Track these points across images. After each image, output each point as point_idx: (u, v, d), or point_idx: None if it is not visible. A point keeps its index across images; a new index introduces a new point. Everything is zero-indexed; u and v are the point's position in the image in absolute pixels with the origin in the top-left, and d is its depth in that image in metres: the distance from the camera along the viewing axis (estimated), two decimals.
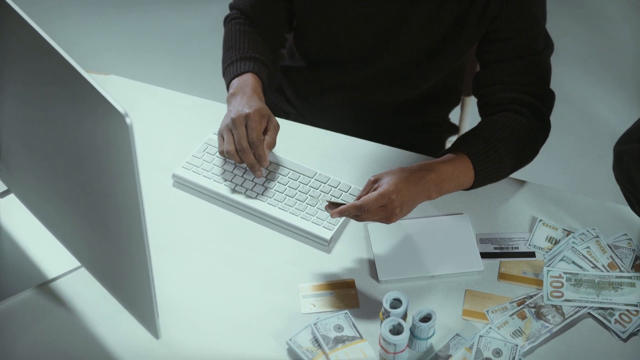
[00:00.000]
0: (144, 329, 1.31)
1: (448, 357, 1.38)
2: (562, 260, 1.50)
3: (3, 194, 1.57)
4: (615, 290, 1.45)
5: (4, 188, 1.57)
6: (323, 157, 1.67)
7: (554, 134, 1.72)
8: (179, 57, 3.22)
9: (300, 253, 1.53)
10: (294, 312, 1.44)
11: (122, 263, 1.25)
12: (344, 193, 1.59)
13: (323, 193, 1.59)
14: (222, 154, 1.60)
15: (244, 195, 1.59)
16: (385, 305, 1.37)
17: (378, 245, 1.53)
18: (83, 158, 1.18)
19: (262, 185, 1.60)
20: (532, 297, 1.46)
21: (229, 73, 1.69)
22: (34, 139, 1.30)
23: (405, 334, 1.34)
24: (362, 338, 1.39)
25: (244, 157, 1.56)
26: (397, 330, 1.35)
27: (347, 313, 1.42)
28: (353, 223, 1.57)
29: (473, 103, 2.02)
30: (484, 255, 1.52)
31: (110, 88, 1.79)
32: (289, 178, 1.61)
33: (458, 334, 1.41)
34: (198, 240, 1.54)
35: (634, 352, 1.40)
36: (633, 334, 1.42)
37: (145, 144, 1.69)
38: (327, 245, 1.53)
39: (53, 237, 1.43)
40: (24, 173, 1.40)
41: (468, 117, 2.06)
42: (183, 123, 1.74)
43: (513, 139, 1.59)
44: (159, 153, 1.68)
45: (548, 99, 1.66)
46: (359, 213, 1.44)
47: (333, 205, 1.47)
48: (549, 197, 1.63)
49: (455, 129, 2.00)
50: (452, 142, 1.92)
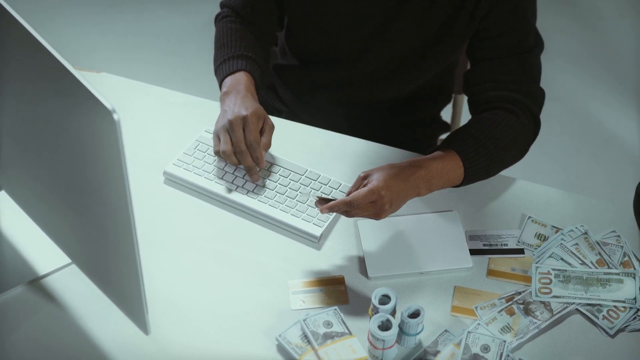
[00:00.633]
0: (134, 325, 1.31)
1: (436, 352, 1.39)
2: (550, 257, 1.50)
3: None
4: (603, 287, 1.46)
5: None
6: (314, 154, 1.68)
7: (549, 133, 1.73)
8: (173, 55, 3.23)
9: (291, 250, 1.53)
10: (284, 308, 1.45)
11: (111, 259, 1.25)
12: (334, 190, 1.60)
13: (313, 190, 1.60)
14: (217, 154, 1.59)
15: (235, 193, 1.59)
16: (374, 302, 1.38)
17: (368, 242, 1.53)
18: (72, 155, 1.18)
19: (252, 183, 1.60)
20: (520, 293, 1.46)
21: (221, 71, 1.69)
22: (24, 136, 1.30)
23: (394, 330, 1.35)
24: (351, 334, 1.39)
25: (242, 159, 1.56)
26: (385, 326, 1.36)
27: (336, 309, 1.42)
28: (343, 220, 1.58)
29: (464, 101, 2.03)
30: (473, 252, 1.53)
31: (102, 85, 1.80)
32: (280, 175, 1.62)
33: (447, 330, 1.42)
34: (189, 237, 1.55)
35: (621, 348, 1.41)
36: (620, 330, 1.42)
37: (137, 141, 1.69)
38: (317, 242, 1.54)
39: (43, 233, 1.44)
40: (15, 170, 1.41)
41: (459, 114, 2.07)
42: (174, 120, 1.74)
43: (503, 137, 1.59)
44: (151, 150, 1.68)
45: (538, 97, 1.66)
46: (349, 209, 1.45)
47: (323, 201, 1.47)
48: (538, 194, 1.63)
49: (447, 127, 2.00)
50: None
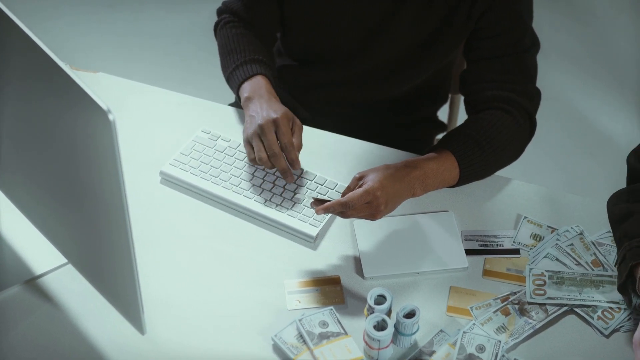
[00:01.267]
0: (130, 325, 1.32)
1: (432, 352, 1.39)
2: (545, 257, 1.50)
3: None
4: (597, 288, 1.46)
5: None
6: (310, 154, 1.68)
7: (545, 132, 1.73)
8: (170, 55, 3.23)
9: (287, 250, 1.54)
10: (280, 308, 1.45)
11: (106, 259, 1.25)
12: (331, 190, 1.60)
13: (309, 190, 1.60)
14: (253, 162, 1.56)
15: (231, 192, 1.59)
16: (370, 302, 1.38)
17: (364, 242, 1.53)
18: (67, 155, 1.18)
19: (249, 183, 1.61)
20: (515, 293, 1.47)
21: (236, 77, 1.67)
22: (19, 136, 1.30)
23: (389, 330, 1.35)
24: (346, 334, 1.40)
25: (276, 162, 1.54)
26: (381, 326, 1.36)
27: (332, 309, 1.43)
28: (339, 220, 1.58)
29: (461, 100, 2.03)
30: (469, 252, 1.53)
31: (99, 86, 1.79)
32: (276, 175, 1.62)
33: (442, 330, 1.42)
34: (185, 237, 1.55)
35: (616, 348, 1.41)
36: (615, 331, 1.43)
37: (134, 141, 1.69)
38: (313, 242, 1.54)
39: (40, 233, 1.44)
40: (10, 170, 1.41)
41: (456, 114, 2.07)
42: (171, 120, 1.74)
43: (499, 137, 1.59)
44: (147, 150, 1.68)
45: (534, 97, 1.66)
46: (344, 210, 1.45)
47: (319, 202, 1.48)
48: (534, 194, 1.63)
49: (443, 127, 2.00)
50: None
